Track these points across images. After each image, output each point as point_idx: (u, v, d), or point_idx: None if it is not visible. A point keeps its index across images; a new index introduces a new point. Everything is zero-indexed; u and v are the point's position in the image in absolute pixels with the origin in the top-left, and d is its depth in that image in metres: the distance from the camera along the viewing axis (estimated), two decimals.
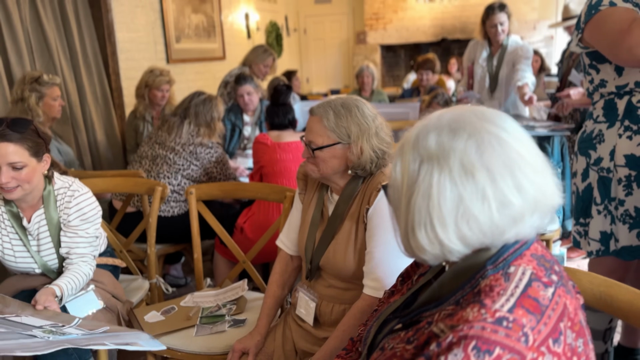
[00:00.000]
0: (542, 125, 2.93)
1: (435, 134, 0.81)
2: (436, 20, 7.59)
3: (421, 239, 0.81)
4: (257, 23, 6.76)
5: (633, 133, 1.66)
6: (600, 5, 1.62)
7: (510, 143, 0.78)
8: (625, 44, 1.54)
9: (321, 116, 1.42)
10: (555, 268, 0.81)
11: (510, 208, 0.77)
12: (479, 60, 3.51)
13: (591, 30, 1.66)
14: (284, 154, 2.42)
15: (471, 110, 0.84)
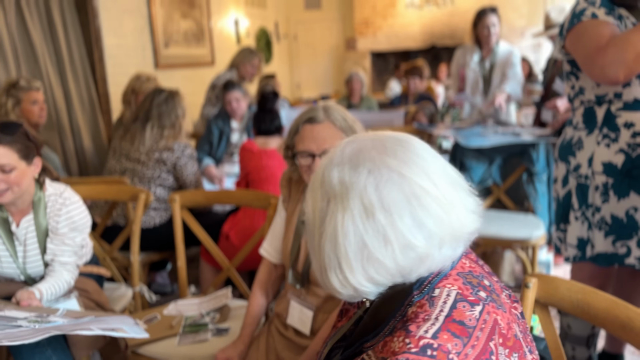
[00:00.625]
0: (527, 132, 2.95)
1: (337, 170, 0.77)
2: (425, 27, 7.64)
3: (333, 282, 0.77)
4: (246, 29, 6.76)
5: (611, 141, 1.68)
6: (583, 15, 1.65)
7: (411, 178, 0.74)
8: (599, 62, 1.57)
9: (331, 121, 1.44)
10: (485, 282, 0.78)
11: (414, 250, 0.73)
12: (470, 65, 3.54)
13: (571, 40, 1.69)
14: (270, 160, 2.41)
15: (372, 142, 0.79)
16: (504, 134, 2.96)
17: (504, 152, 2.84)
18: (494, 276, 0.84)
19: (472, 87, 3.56)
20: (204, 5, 5.85)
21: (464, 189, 0.80)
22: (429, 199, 0.73)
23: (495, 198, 2.91)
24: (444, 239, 0.74)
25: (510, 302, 0.81)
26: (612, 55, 1.54)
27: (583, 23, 1.64)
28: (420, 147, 0.79)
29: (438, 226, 0.74)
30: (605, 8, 1.63)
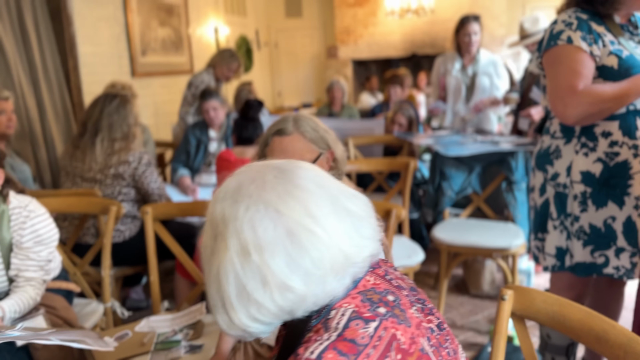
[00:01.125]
0: (506, 141, 2.96)
1: (220, 205, 0.75)
2: (406, 35, 7.69)
3: (220, 321, 0.75)
4: (226, 37, 6.73)
5: (589, 150, 1.68)
6: (559, 39, 1.65)
7: (288, 215, 0.71)
8: (566, 101, 1.60)
9: (300, 132, 1.41)
10: (388, 298, 0.75)
11: (292, 291, 0.71)
12: (451, 72, 3.55)
13: (546, 61, 1.70)
14: None
15: (253, 176, 0.76)
16: (483, 142, 2.96)
17: (483, 160, 2.84)
18: (405, 290, 0.80)
19: (454, 95, 3.57)
20: (182, 12, 5.81)
21: (357, 216, 0.77)
22: (306, 236, 0.71)
23: (475, 207, 2.91)
24: (325, 276, 0.72)
25: (423, 316, 0.78)
26: (580, 103, 1.58)
27: (558, 47, 1.65)
28: (305, 177, 0.76)
29: (316, 265, 0.71)
30: (582, 32, 1.63)
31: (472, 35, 3.39)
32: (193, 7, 6.06)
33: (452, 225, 2.76)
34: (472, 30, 3.38)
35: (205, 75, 3.98)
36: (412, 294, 0.82)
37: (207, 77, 3.99)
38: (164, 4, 5.47)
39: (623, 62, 1.61)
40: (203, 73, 4.00)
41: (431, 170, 2.93)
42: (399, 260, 2.30)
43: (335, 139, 1.50)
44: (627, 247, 1.66)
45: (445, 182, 2.85)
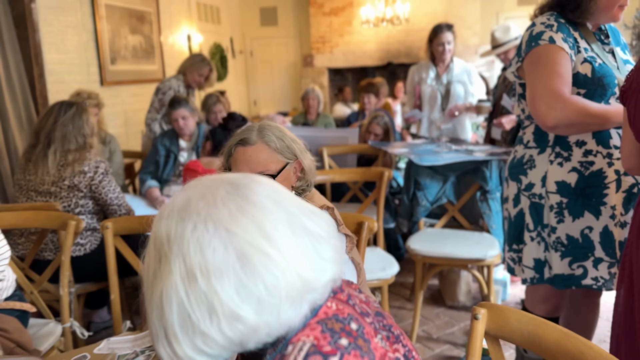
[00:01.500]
0: (480, 150, 2.94)
1: (165, 223, 0.68)
2: (382, 44, 7.70)
3: (162, 353, 0.66)
4: (199, 45, 6.63)
5: (564, 160, 1.65)
6: (540, 39, 1.61)
7: (240, 235, 0.64)
8: (551, 103, 1.55)
9: (265, 142, 1.34)
10: (352, 326, 0.68)
11: (242, 321, 0.64)
12: (426, 81, 3.53)
13: (528, 64, 1.65)
14: None
15: (204, 190, 0.69)
16: (457, 152, 2.94)
17: (457, 170, 2.81)
18: (370, 316, 0.74)
19: (430, 103, 3.55)
20: (154, 20, 5.70)
21: (318, 236, 0.71)
22: (260, 259, 0.64)
23: (450, 216, 2.87)
24: (279, 304, 0.65)
25: (389, 345, 0.72)
26: (566, 109, 1.53)
27: (540, 47, 1.61)
28: (260, 192, 0.70)
29: (270, 292, 0.64)
30: (562, 33, 1.61)
31: (445, 45, 3.38)
32: (165, 15, 5.96)
33: (427, 235, 2.71)
34: (446, 40, 3.37)
35: (173, 81, 3.88)
36: (378, 319, 0.76)
37: (175, 83, 3.89)
38: (135, 11, 5.36)
39: (596, 70, 1.59)
40: (172, 79, 3.90)
41: (405, 180, 2.89)
42: (372, 273, 2.24)
43: (303, 149, 1.44)
44: (605, 258, 1.64)
45: (419, 192, 2.81)
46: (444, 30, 3.38)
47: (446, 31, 3.38)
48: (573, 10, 1.62)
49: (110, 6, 4.92)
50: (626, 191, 1.60)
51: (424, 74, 3.56)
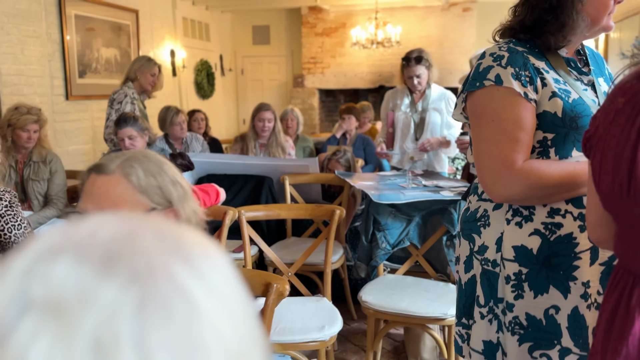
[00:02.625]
0: (451, 187, 2.62)
1: (69, 263, 0.37)
2: (373, 67, 7.46)
3: None
4: (183, 60, 6.40)
5: (524, 219, 1.29)
6: (485, 78, 1.26)
7: (208, 314, 0.38)
8: (495, 177, 1.24)
9: (124, 175, 1.02)
10: None
11: None
12: (401, 107, 3.23)
13: (471, 113, 1.32)
14: None
15: (153, 226, 0.42)
16: (425, 188, 2.62)
17: (423, 209, 2.49)
18: None
19: (402, 132, 3.24)
20: (132, 33, 5.47)
21: None
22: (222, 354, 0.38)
23: (414, 262, 2.54)
24: None
25: None
26: (516, 183, 1.22)
27: (484, 90, 1.26)
28: None
29: None
30: (514, 67, 1.26)
31: (414, 79, 3.08)
32: (146, 28, 5.74)
33: (385, 284, 2.38)
34: (414, 73, 3.07)
35: (127, 89, 3.61)
36: None
37: (129, 90, 3.62)
38: (110, 23, 5.14)
39: (569, 107, 1.25)
40: (123, 87, 3.62)
41: (364, 219, 2.57)
42: (307, 334, 1.91)
43: (185, 196, 1.12)
44: (574, 349, 1.27)
45: (379, 233, 2.49)
46: (412, 63, 3.07)
47: (415, 64, 3.07)
48: (555, 32, 1.27)
49: (81, 17, 4.69)
50: (605, 264, 1.25)
51: (398, 100, 3.26)
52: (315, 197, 3.45)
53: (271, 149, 3.79)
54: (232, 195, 3.23)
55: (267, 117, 3.68)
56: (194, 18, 6.88)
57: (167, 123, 3.76)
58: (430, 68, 3.10)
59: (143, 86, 3.72)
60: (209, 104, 7.23)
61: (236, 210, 2.28)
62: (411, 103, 3.20)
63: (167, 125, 3.76)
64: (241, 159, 3.29)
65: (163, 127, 3.81)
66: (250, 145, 3.75)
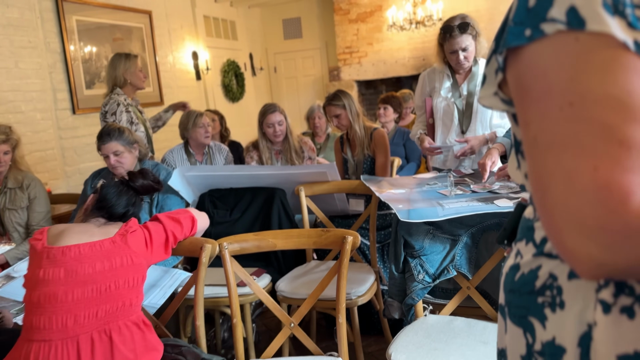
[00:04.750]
0: (509, 192, 1.93)
1: None
2: (416, 51, 6.71)
3: None
4: (207, 62, 5.95)
5: (637, 301, 0.62)
6: (545, 19, 0.57)
7: None
8: (581, 228, 0.53)
9: None
10: None
11: None
12: (440, 92, 2.56)
13: (518, 86, 0.63)
14: (54, 269, 1.44)
15: None
16: (472, 195, 1.95)
17: (473, 225, 1.82)
18: None
19: (444, 122, 2.56)
20: (147, 37, 5.07)
21: None
22: None
23: (465, 297, 1.87)
24: None
25: None
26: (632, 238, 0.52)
27: (546, 42, 0.58)
28: None
29: None
30: None
31: (459, 53, 2.39)
32: (162, 30, 5.32)
33: (425, 332, 1.73)
34: (459, 46, 2.37)
35: (118, 97, 3.15)
36: None
37: (121, 97, 3.16)
38: (119, 27, 4.74)
39: None
40: (112, 95, 3.16)
41: (392, 243, 1.93)
42: None
43: None
44: None
45: (414, 261, 1.84)
46: (455, 33, 2.37)
47: (459, 34, 2.36)
48: None
49: (84, 22, 4.31)
50: None
51: (437, 82, 2.59)
52: (342, 208, 2.84)
53: (287, 154, 3.22)
54: (239, 213, 2.68)
55: (276, 120, 3.11)
56: (217, 16, 6.42)
57: (189, 126, 3.28)
58: (478, 38, 2.41)
59: (136, 86, 3.27)
60: (240, 107, 6.76)
61: (215, 244, 1.71)
62: (453, 86, 2.51)
63: (190, 129, 3.29)
64: (243, 170, 2.74)
65: (184, 133, 3.33)
66: (265, 155, 3.19)
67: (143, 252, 1.58)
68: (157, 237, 1.66)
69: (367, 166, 2.98)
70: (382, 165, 2.89)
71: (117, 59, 3.24)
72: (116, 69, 3.21)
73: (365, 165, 2.98)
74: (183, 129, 3.34)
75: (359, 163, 3.02)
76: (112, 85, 3.21)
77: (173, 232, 1.71)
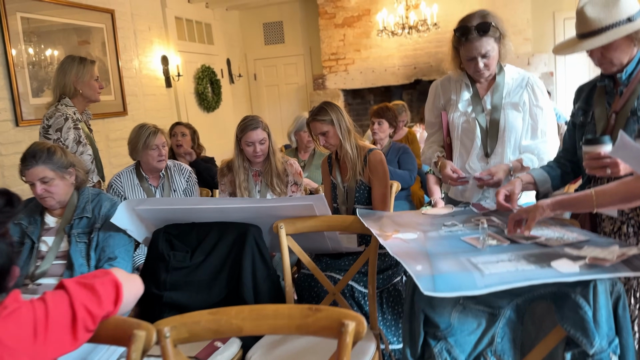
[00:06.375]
0: (568, 242, 1.42)
1: None
2: (407, 59, 6.25)
3: None
4: (178, 67, 5.39)
5: None
6: None
7: None
8: None
9: None
10: None
11: None
12: (457, 106, 2.05)
13: None
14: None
15: None
16: (515, 247, 1.44)
17: (519, 292, 1.31)
18: None
19: (464, 143, 2.05)
20: (108, 39, 4.49)
21: None
22: None
23: None
24: None
25: None
26: None
27: None
28: None
29: None
30: None
31: (479, 60, 1.89)
32: (127, 32, 4.75)
33: None
34: (479, 51, 1.88)
35: (66, 110, 2.62)
36: None
37: (70, 110, 2.63)
38: (76, 27, 4.17)
39: None
40: (59, 107, 2.62)
41: (406, 316, 1.40)
42: None
43: None
44: None
45: (438, 344, 1.32)
46: (473, 35, 1.88)
47: (478, 37, 1.87)
48: None
49: (32, 21, 3.73)
50: None
51: (453, 93, 2.08)
52: (334, 246, 2.31)
53: (267, 177, 2.68)
54: (202, 255, 2.13)
55: (258, 139, 2.58)
56: (191, 18, 5.88)
57: (140, 147, 2.71)
58: (502, 40, 1.91)
59: (89, 98, 2.73)
60: (216, 117, 6.20)
61: (152, 330, 1.16)
62: (474, 98, 2.00)
63: (140, 150, 2.71)
64: (208, 203, 2.19)
65: (134, 153, 2.76)
66: (240, 177, 2.65)
67: (26, 346, 1.02)
68: (57, 317, 1.08)
69: (360, 195, 2.46)
70: (381, 197, 2.37)
71: (68, 63, 2.69)
72: (66, 75, 2.66)
73: (357, 194, 2.46)
74: (132, 149, 2.76)
75: (350, 190, 2.49)
76: (60, 94, 2.66)
77: (86, 307, 1.13)
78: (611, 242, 1.43)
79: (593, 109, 1.72)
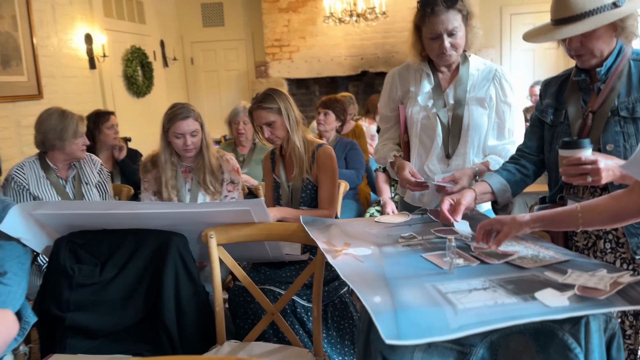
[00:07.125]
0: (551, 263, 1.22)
1: None
2: (353, 48, 6.03)
3: None
4: (104, 47, 4.88)
5: None
6: None
7: None
8: None
9: None
10: None
11: None
12: (417, 99, 1.80)
13: None
14: None
15: None
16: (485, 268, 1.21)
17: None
18: None
19: (423, 142, 1.81)
20: (20, 14, 3.94)
21: None
22: None
23: None
24: None
25: None
26: None
27: None
28: None
29: None
30: None
31: (444, 39, 1.66)
32: (43, 6, 4.21)
33: None
34: (445, 27, 1.65)
35: None
36: None
37: None
38: None
39: None
40: None
41: (361, 355, 1.15)
42: None
43: None
44: None
45: None
46: (439, 7, 1.65)
47: (444, 9, 1.65)
48: None
49: None
50: None
51: (412, 84, 1.84)
52: (275, 255, 2.02)
53: (199, 174, 2.35)
54: (115, 270, 1.78)
55: (189, 130, 2.24)
56: None
57: (67, 136, 2.31)
58: (470, 21, 1.69)
59: None
60: (147, 103, 5.73)
61: None
62: (435, 90, 1.77)
63: (67, 139, 2.31)
64: (123, 207, 1.83)
65: (56, 143, 2.33)
66: (167, 175, 2.30)
67: None
68: None
69: (306, 195, 2.18)
70: (328, 197, 2.11)
71: None
72: None
73: (304, 194, 2.18)
74: (55, 137, 2.34)
75: (295, 190, 2.21)
76: None
77: None
78: (595, 263, 1.24)
79: (566, 107, 1.53)
